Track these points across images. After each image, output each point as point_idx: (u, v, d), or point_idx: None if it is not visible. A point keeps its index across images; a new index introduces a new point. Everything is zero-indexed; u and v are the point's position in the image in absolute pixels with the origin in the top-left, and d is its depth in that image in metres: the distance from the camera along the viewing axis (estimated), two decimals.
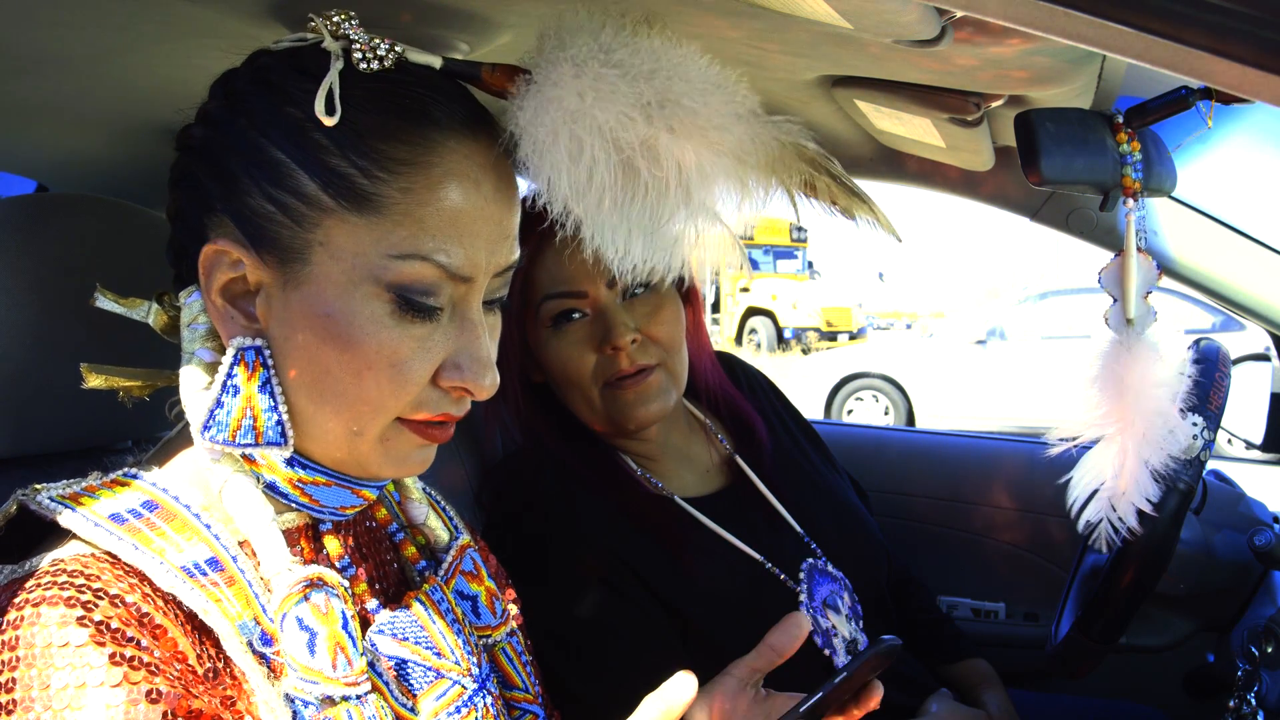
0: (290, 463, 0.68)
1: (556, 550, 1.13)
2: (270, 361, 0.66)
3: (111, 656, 0.55)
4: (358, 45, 0.65)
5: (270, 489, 0.68)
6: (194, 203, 0.67)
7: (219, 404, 0.65)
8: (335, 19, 0.65)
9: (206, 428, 0.65)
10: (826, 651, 1.15)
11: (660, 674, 1.10)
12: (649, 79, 0.66)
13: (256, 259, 0.65)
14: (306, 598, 0.63)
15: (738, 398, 1.37)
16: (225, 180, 0.65)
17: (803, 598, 1.18)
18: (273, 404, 0.66)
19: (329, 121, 0.62)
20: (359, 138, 0.63)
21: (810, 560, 1.22)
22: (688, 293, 1.26)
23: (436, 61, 0.68)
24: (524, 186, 0.74)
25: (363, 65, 0.64)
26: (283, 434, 0.66)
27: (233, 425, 0.65)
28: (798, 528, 1.26)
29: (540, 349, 1.18)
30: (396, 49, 0.66)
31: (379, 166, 0.63)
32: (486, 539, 0.96)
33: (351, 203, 0.63)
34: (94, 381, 0.69)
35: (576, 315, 1.16)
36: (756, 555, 1.19)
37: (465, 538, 0.85)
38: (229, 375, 0.65)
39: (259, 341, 0.66)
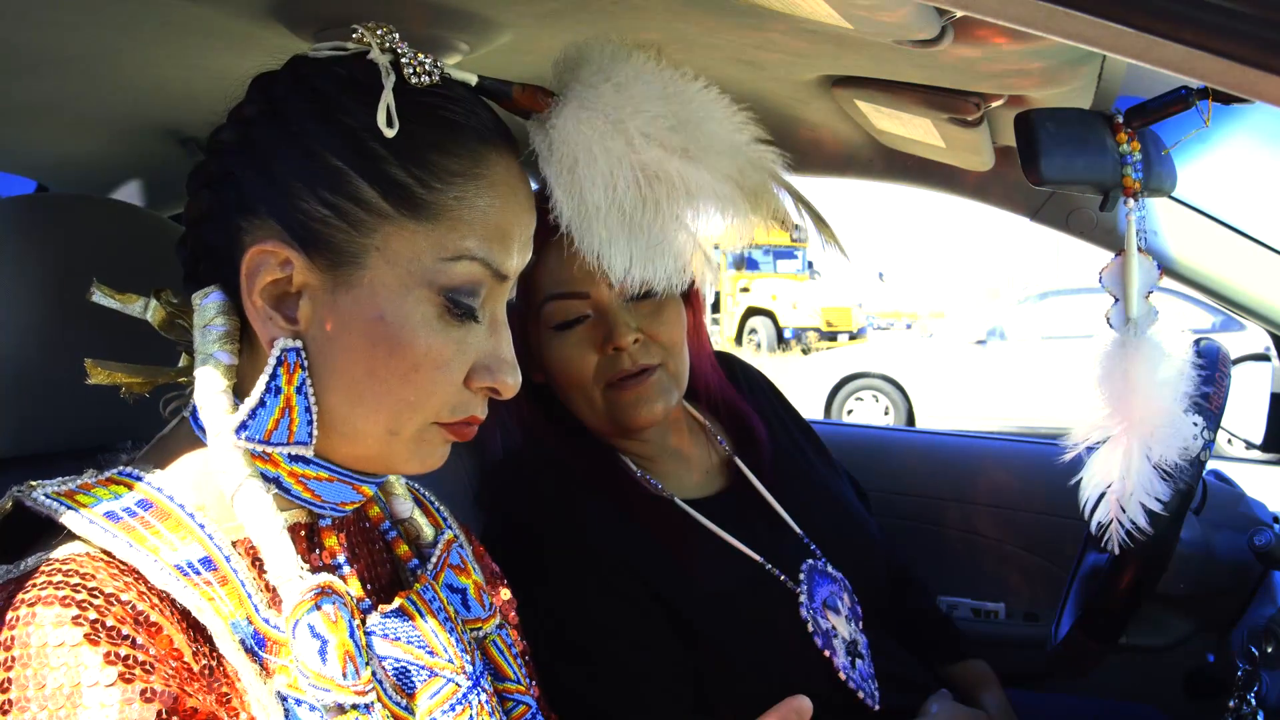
0: (293, 459, 0.69)
1: (556, 550, 1.13)
2: (306, 363, 0.67)
3: (106, 655, 0.55)
4: (406, 59, 0.67)
5: (275, 484, 0.69)
6: (229, 204, 0.68)
7: (262, 404, 0.66)
8: (380, 32, 0.68)
9: (244, 427, 0.66)
10: (826, 653, 1.15)
11: (660, 676, 1.11)
12: (669, 108, 0.71)
13: (307, 261, 0.66)
14: (318, 606, 0.63)
15: (738, 399, 1.37)
16: (274, 183, 0.66)
17: (802, 598, 1.18)
18: (307, 404, 0.67)
19: (389, 133, 0.64)
20: (414, 149, 0.66)
21: (810, 561, 1.22)
22: (689, 294, 1.26)
23: (472, 79, 0.72)
24: None
25: (414, 80, 0.67)
26: (310, 434, 0.68)
27: (270, 425, 0.66)
28: (797, 529, 1.26)
29: (542, 350, 1.18)
30: (439, 64, 0.69)
31: (435, 177, 0.66)
32: (486, 540, 0.96)
33: (409, 210, 0.66)
34: (98, 378, 0.70)
35: (580, 321, 1.16)
36: (756, 556, 1.19)
37: (452, 532, 0.85)
38: (273, 376, 0.66)
39: (298, 343, 0.67)
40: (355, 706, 0.63)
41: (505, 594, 0.91)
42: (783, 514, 1.27)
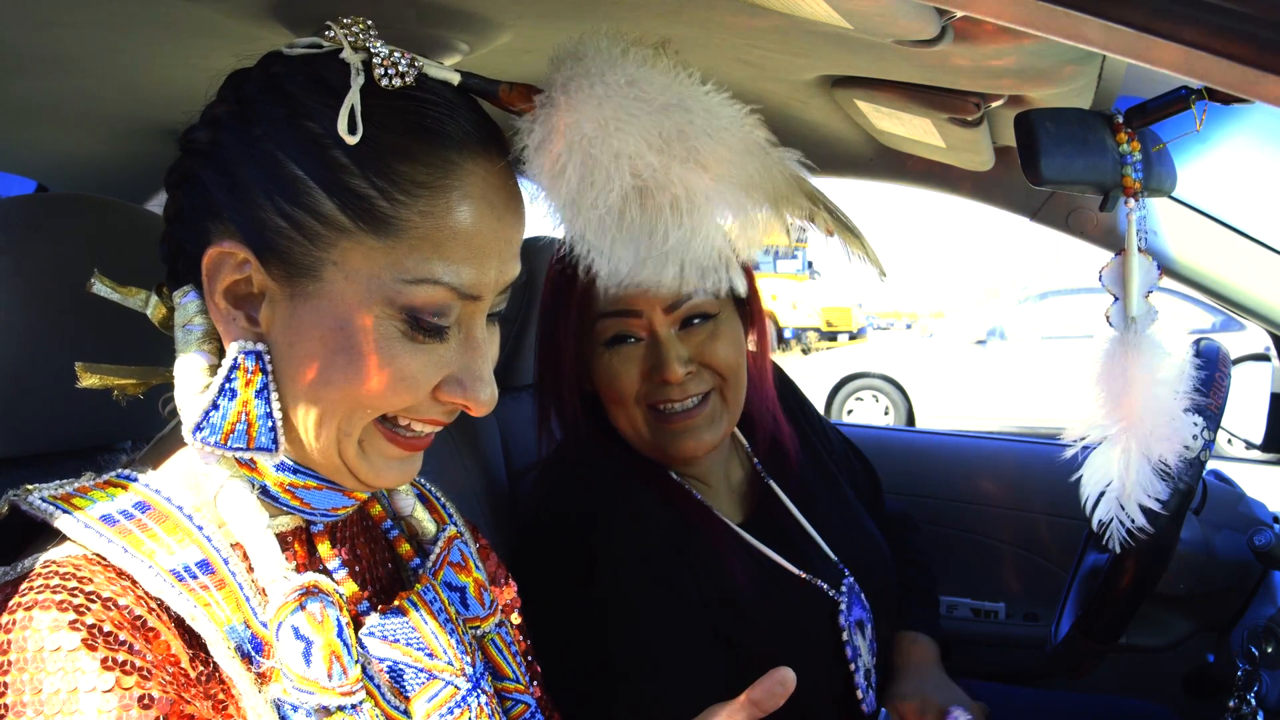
0: (280, 467, 0.68)
1: (610, 539, 1.11)
2: (269, 367, 0.65)
3: (103, 661, 0.55)
4: (379, 59, 0.63)
5: (263, 492, 0.68)
6: (197, 206, 0.66)
7: (214, 406, 0.64)
8: (355, 29, 0.64)
9: (199, 429, 0.64)
10: (852, 665, 1.17)
11: (695, 669, 1.10)
12: (668, 111, 0.67)
13: (264, 268, 0.64)
14: (302, 606, 0.62)
15: (784, 424, 1.34)
16: (236, 189, 0.64)
17: (842, 607, 1.18)
18: (267, 409, 0.65)
19: (351, 140, 0.61)
20: (379, 158, 0.62)
21: (850, 580, 1.23)
22: (751, 315, 1.24)
23: (455, 77, 0.67)
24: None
25: (384, 81, 0.63)
26: (274, 440, 0.66)
27: (226, 428, 0.64)
28: (831, 555, 1.25)
29: (592, 361, 1.17)
30: (416, 64, 0.65)
31: (398, 189, 0.62)
32: (531, 536, 0.92)
33: (369, 225, 0.62)
34: (88, 381, 0.68)
35: (631, 340, 1.14)
36: (796, 570, 1.19)
37: (454, 529, 0.84)
38: (227, 378, 0.64)
39: (260, 346, 0.65)
40: (341, 708, 0.62)
41: (508, 593, 0.91)
42: (816, 537, 1.26)
